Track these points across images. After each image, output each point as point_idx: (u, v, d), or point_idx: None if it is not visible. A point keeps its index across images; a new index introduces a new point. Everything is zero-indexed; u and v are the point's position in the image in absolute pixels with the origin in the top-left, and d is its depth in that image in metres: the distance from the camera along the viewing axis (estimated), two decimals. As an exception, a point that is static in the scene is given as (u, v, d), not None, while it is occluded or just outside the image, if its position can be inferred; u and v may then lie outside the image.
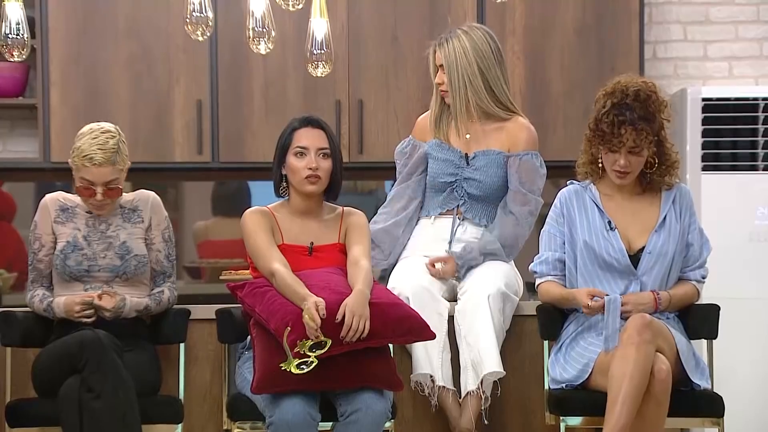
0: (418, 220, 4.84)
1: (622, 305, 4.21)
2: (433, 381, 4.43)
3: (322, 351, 3.88)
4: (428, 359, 4.43)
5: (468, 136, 4.71)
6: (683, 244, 4.34)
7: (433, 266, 4.64)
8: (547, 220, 4.45)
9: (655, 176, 4.32)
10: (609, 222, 4.32)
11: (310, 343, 3.86)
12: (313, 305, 3.88)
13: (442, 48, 4.68)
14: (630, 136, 4.19)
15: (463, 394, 4.42)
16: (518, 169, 4.67)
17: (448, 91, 4.69)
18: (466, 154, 4.71)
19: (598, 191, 4.38)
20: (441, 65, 4.68)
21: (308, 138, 4.26)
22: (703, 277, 4.39)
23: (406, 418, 4.60)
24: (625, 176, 4.28)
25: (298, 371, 3.84)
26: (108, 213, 4.40)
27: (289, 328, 3.87)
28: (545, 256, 4.40)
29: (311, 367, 3.85)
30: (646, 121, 4.20)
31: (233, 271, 5.30)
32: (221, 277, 5.34)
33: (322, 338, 3.87)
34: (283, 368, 3.87)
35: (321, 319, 3.87)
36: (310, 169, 4.22)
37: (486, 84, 4.66)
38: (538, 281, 4.43)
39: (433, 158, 4.76)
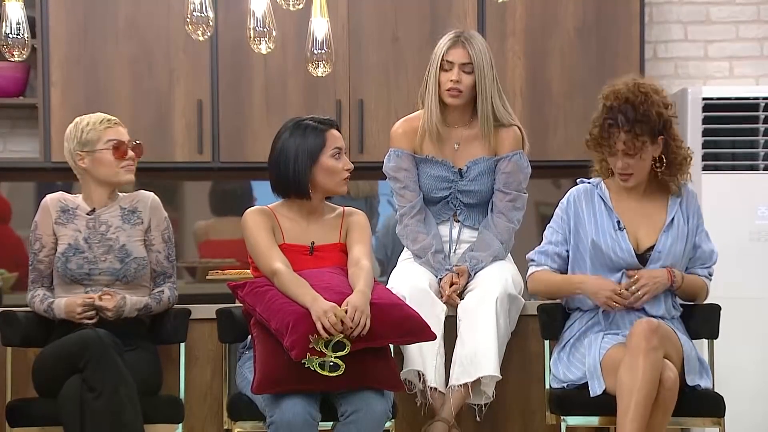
0: None
1: (636, 281, 4.20)
2: (423, 380, 4.41)
3: (344, 353, 3.89)
4: (421, 358, 4.41)
5: (456, 145, 4.69)
6: (690, 245, 4.34)
7: (449, 287, 4.59)
8: (553, 216, 4.44)
9: (664, 175, 4.30)
10: (618, 221, 4.31)
11: (321, 339, 3.87)
12: (339, 309, 3.89)
13: (469, 45, 4.54)
14: (620, 140, 4.19)
15: (447, 386, 4.41)
16: (506, 170, 4.66)
17: (462, 92, 4.56)
18: (460, 169, 4.68)
19: (608, 190, 4.38)
20: (465, 63, 4.54)
21: (341, 140, 4.25)
22: (710, 275, 4.40)
23: (406, 418, 4.60)
24: (629, 178, 4.27)
25: (327, 373, 3.86)
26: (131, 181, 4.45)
27: (317, 336, 3.89)
28: (546, 248, 4.40)
29: (340, 370, 3.87)
30: (640, 123, 4.18)
31: (220, 271, 5.30)
32: (208, 277, 5.34)
33: (342, 339, 3.89)
34: (306, 365, 3.87)
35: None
36: (347, 170, 4.23)
37: (500, 89, 4.65)
38: (533, 269, 4.40)
39: (425, 174, 4.70)
